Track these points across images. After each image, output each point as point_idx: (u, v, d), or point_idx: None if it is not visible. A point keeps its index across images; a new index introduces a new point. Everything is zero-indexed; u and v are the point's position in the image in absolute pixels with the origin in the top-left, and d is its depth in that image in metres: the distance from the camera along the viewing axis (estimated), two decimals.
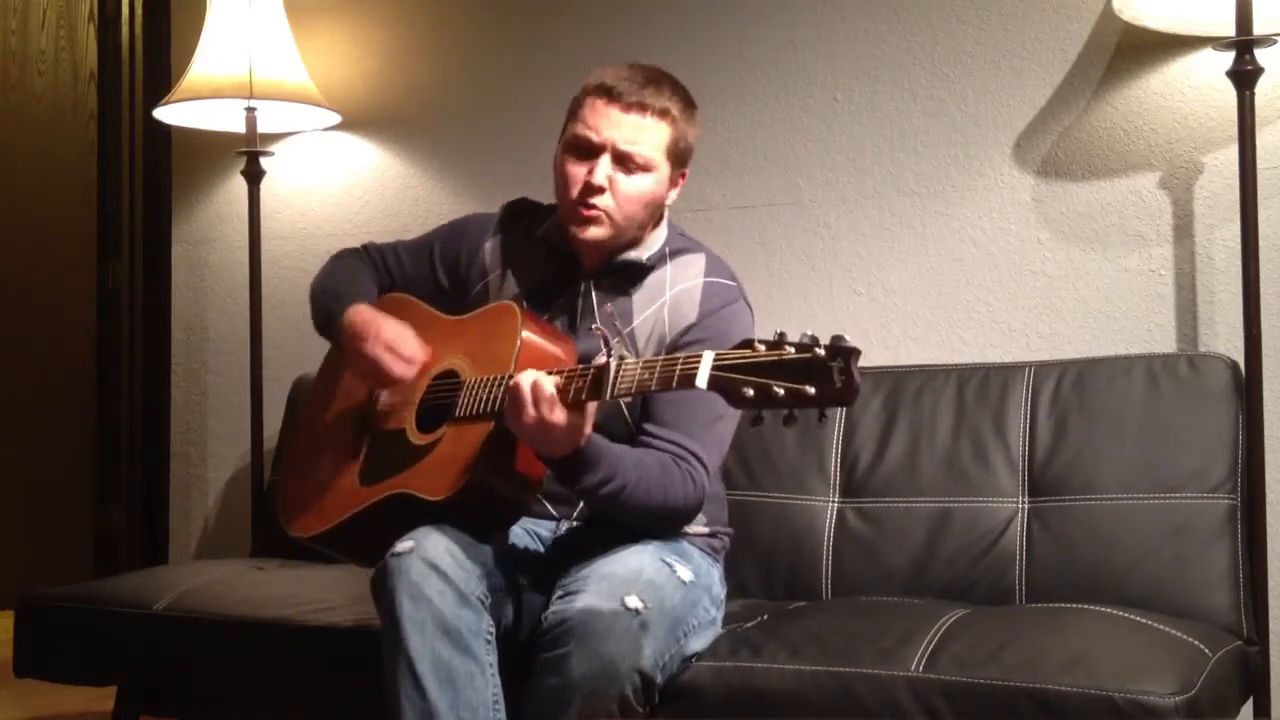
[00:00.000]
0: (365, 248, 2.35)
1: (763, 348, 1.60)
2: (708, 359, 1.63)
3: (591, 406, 1.83)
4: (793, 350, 1.57)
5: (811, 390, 1.55)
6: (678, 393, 1.97)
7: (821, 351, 1.56)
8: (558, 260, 2.18)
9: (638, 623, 1.82)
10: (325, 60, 3.23)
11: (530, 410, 1.80)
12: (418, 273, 2.29)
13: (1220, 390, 2.31)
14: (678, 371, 1.68)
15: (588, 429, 1.85)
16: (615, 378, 1.76)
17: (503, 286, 2.20)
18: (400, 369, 2.06)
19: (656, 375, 1.71)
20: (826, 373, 1.55)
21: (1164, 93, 2.54)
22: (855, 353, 1.55)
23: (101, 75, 3.69)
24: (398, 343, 2.06)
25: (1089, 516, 2.29)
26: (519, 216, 2.27)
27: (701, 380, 1.62)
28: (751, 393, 1.58)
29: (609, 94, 2.06)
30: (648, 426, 2.03)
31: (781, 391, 1.56)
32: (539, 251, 2.19)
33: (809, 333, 1.58)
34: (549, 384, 1.80)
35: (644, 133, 2.06)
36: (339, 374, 2.25)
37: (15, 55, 4.13)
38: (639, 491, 1.94)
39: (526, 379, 1.81)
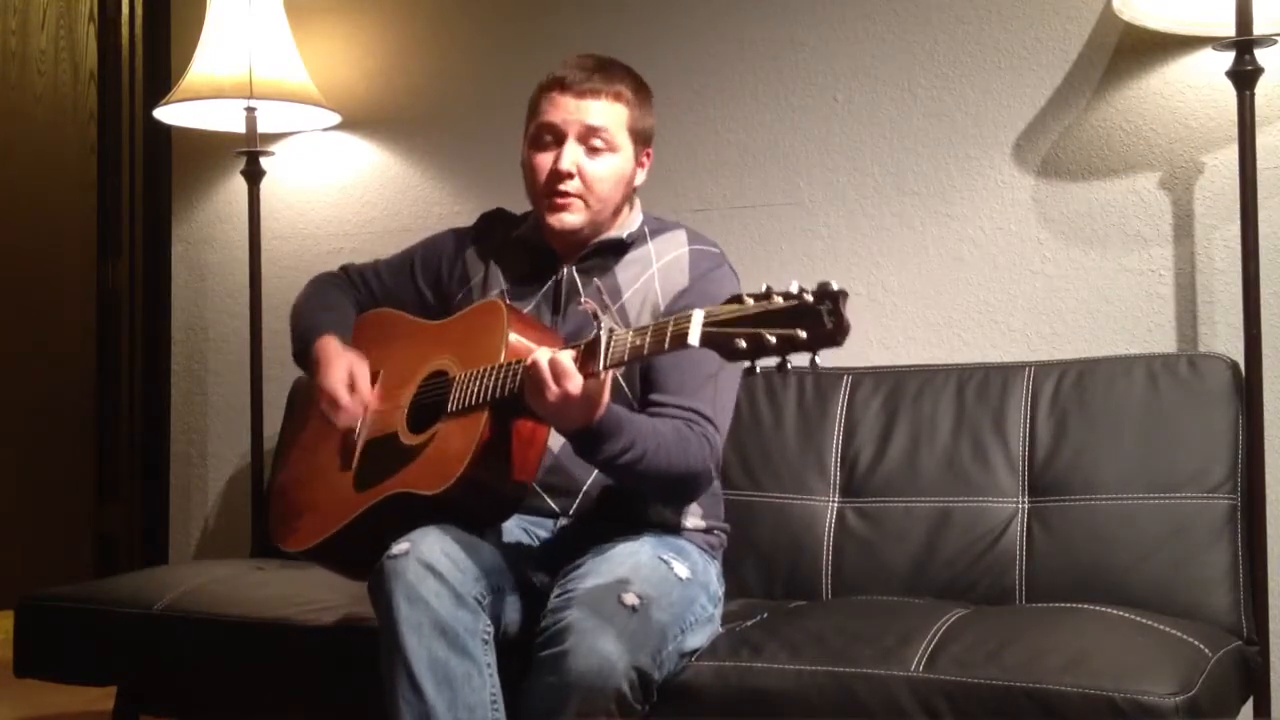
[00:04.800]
0: (344, 269, 2.39)
1: (750, 301, 1.60)
2: (698, 317, 1.63)
3: (608, 377, 1.83)
4: (780, 300, 1.58)
5: (803, 334, 1.55)
6: (678, 357, 1.98)
7: (809, 297, 1.56)
8: (535, 255, 2.21)
9: (635, 620, 1.82)
10: (325, 60, 3.23)
11: (553, 387, 1.79)
12: (400, 288, 2.32)
13: (1220, 390, 2.31)
14: (669, 333, 1.68)
15: (605, 398, 1.85)
16: (607, 347, 1.76)
17: (485, 290, 2.22)
18: (338, 418, 2.11)
19: (649, 339, 1.71)
20: (816, 315, 1.55)
21: (1164, 93, 2.54)
22: (843, 294, 1.56)
23: (101, 75, 3.68)
24: (335, 390, 2.10)
25: (1089, 516, 2.29)
26: (494, 224, 2.32)
27: (694, 338, 1.62)
28: (744, 344, 1.58)
29: (562, 85, 2.13)
30: (654, 396, 2.04)
31: (773, 339, 1.56)
32: (517, 252, 2.24)
33: (796, 283, 1.59)
34: (566, 358, 1.80)
35: (602, 116, 2.12)
36: None
37: (15, 55, 4.12)
38: (659, 457, 1.93)
39: (543, 356, 1.81)
